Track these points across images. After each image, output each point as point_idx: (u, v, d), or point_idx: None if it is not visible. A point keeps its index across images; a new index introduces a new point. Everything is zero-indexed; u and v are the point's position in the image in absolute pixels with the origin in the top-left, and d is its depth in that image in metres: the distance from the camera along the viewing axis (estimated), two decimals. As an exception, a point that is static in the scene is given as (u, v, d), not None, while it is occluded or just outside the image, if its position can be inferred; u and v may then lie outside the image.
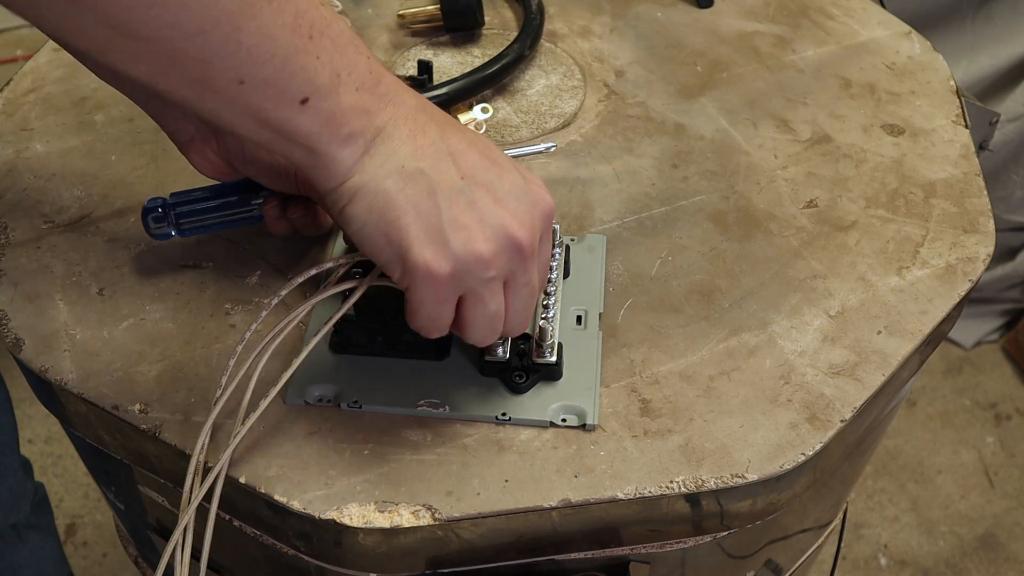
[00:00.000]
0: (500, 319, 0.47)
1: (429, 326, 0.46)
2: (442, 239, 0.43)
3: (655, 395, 0.54)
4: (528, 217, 0.45)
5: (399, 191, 0.43)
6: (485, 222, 0.44)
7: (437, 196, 0.43)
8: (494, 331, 0.47)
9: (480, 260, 0.44)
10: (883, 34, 0.82)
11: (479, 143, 0.46)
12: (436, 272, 0.43)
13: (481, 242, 0.43)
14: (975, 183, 0.68)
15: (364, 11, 0.83)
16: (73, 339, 0.57)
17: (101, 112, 0.72)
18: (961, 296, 0.60)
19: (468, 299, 0.45)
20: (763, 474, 0.51)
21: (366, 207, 0.43)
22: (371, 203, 0.43)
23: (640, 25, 0.82)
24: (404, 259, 0.43)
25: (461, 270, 0.44)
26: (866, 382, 0.55)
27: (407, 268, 0.44)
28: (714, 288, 0.60)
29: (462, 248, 0.43)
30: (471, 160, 0.44)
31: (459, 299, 0.46)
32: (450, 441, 0.52)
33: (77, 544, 1.41)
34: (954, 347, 1.70)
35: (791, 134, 0.72)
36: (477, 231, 0.43)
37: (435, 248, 0.43)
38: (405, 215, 0.43)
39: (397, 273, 0.44)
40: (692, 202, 0.66)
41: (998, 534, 1.47)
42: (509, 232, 0.44)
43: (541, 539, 0.52)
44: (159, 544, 0.72)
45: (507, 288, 0.46)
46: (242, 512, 0.53)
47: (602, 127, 0.72)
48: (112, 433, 0.56)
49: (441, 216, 0.43)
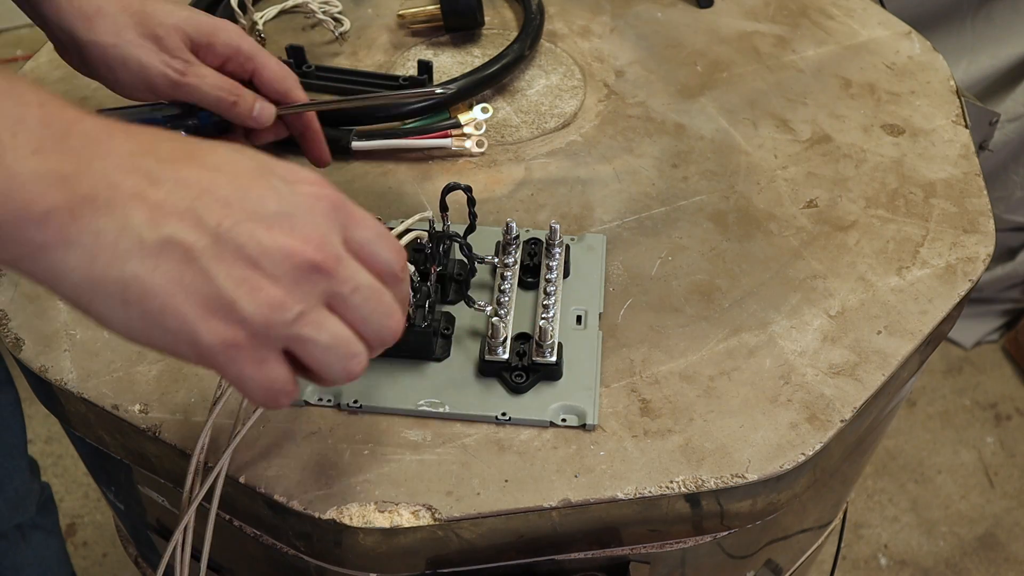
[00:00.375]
0: (348, 342, 0.38)
1: (275, 396, 0.38)
2: (223, 304, 0.35)
3: (655, 395, 0.54)
4: (310, 228, 0.37)
5: (151, 272, 0.34)
6: (264, 261, 0.36)
7: (199, 260, 0.35)
8: (352, 356, 0.39)
9: (277, 306, 0.36)
10: (883, 34, 0.82)
11: (224, 159, 0.37)
12: (234, 341, 0.36)
13: (269, 286, 0.36)
14: (975, 183, 0.68)
15: (364, 11, 0.83)
16: (73, 339, 0.57)
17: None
18: (961, 296, 0.60)
19: (294, 345, 0.37)
20: (763, 474, 0.51)
21: (119, 304, 0.34)
22: (124, 297, 0.34)
23: (640, 25, 0.82)
24: (195, 345, 0.35)
25: (261, 327, 0.36)
26: (866, 382, 0.55)
27: (203, 352, 0.36)
28: (714, 288, 0.60)
29: (250, 304, 0.35)
30: (223, 192, 0.36)
31: (284, 351, 0.38)
32: (450, 441, 0.52)
33: (77, 544, 1.41)
34: (954, 347, 1.70)
35: (791, 134, 0.72)
36: (259, 277, 0.36)
37: (221, 317, 0.35)
38: (172, 298, 0.34)
39: (194, 359, 0.36)
40: (692, 202, 0.66)
41: (998, 534, 1.47)
42: (296, 258, 0.36)
43: (541, 539, 0.52)
44: (159, 544, 0.72)
45: (335, 307, 0.38)
46: (242, 512, 0.53)
47: (602, 127, 0.72)
48: (112, 433, 0.56)
49: (214, 281, 0.35)
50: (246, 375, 0.37)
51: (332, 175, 0.68)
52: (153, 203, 0.34)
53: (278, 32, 0.81)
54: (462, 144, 0.68)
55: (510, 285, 0.57)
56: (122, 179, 0.34)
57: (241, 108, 0.59)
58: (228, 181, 0.36)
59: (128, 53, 0.56)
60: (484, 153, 0.69)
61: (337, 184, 0.67)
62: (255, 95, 0.60)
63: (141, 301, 0.34)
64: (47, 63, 0.77)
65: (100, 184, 0.33)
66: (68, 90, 0.74)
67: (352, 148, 0.68)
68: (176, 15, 0.57)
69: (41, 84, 0.33)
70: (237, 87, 0.60)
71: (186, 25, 0.57)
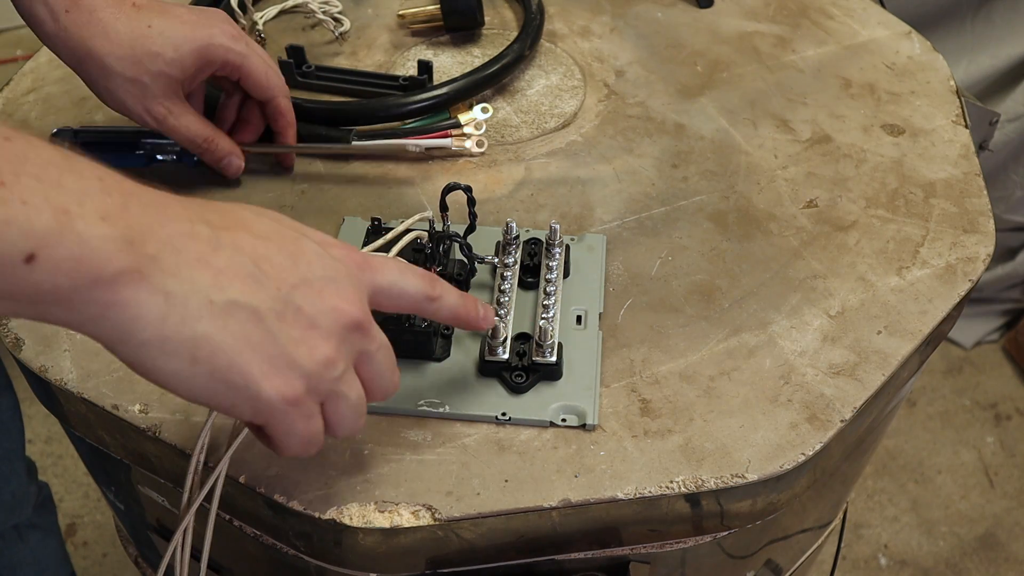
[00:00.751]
0: (363, 401, 0.43)
1: (308, 448, 0.42)
2: (287, 362, 0.38)
3: (655, 395, 0.54)
4: (351, 290, 0.41)
5: (220, 331, 0.36)
6: (318, 322, 0.39)
7: (264, 322, 0.37)
8: (362, 414, 0.43)
9: (329, 363, 0.40)
10: (883, 34, 0.82)
11: (270, 229, 0.40)
12: (294, 397, 0.39)
13: (323, 346, 0.39)
14: (975, 183, 0.68)
15: (364, 11, 0.83)
16: (73, 339, 0.57)
17: (101, 112, 0.72)
18: (961, 296, 0.60)
19: (329, 402, 0.41)
20: (763, 474, 0.51)
21: (188, 360, 0.36)
22: (193, 355, 0.36)
23: (640, 25, 0.82)
24: (256, 400, 0.38)
25: (315, 382, 0.40)
26: (866, 382, 0.55)
27: (261, 407, 0.39)
28: (714, 288, 0.60)
29: (309, 361, 0.39)
30: (277, 261, 0.39)
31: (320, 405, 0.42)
32: (450, 441, 0.52)
33: (77, 544, 1.41)
34: (954, 347, 1.70)
35: (791, 134, 0.72)
36: (315, 337, 0.39)
37: (284, 375, 0.38)
38: (240, 355, 0.37)
39: (248, 415, 0.39)
40: (692, 202, 0.66)
41: (998, 534, 1.47)
42: (343, 319, 0.40)
43: (541, 539, 0.52)
44: (159, 544, 0.72)
45: (361, 364, 0.43)
46: (242, 512, 0.53)
47: (602, 127, 0.72)
48: (112, 433, 0.56)
49: (277, 341, 0.38)
50: (297, 429, 0.40)
51: (332, 175, 0.68)
52: (216, 268, 0.36)
53: (278, 32, 0.81)
54: (462, 144, 0.68)
55: (510, 285, 0.57)
56: (184, 244, 0.36)
57: (209, 158, 0.64)
58: (278, 248, 0.39)
59: (113, 96, 0.60)
60: (484, 153, 0.69)
61: (337, 184, 0.68)
62: (228, 147, 0.65)
63: (211, 359, 0.36)
64: (47, 63, 0.77)
65: (165, 249, 0.35)
66: (68, 90, 0.74)
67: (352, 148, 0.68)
68: (161, 59, 0.59)
69: (97, 163, 0.35)
70: (210, 137, 0.63)
71: (170, 69, 0.59)
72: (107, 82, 0.59)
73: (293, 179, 0.68)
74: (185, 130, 0.62)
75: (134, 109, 0.60)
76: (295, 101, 0.68)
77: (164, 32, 0.58)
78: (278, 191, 0.67)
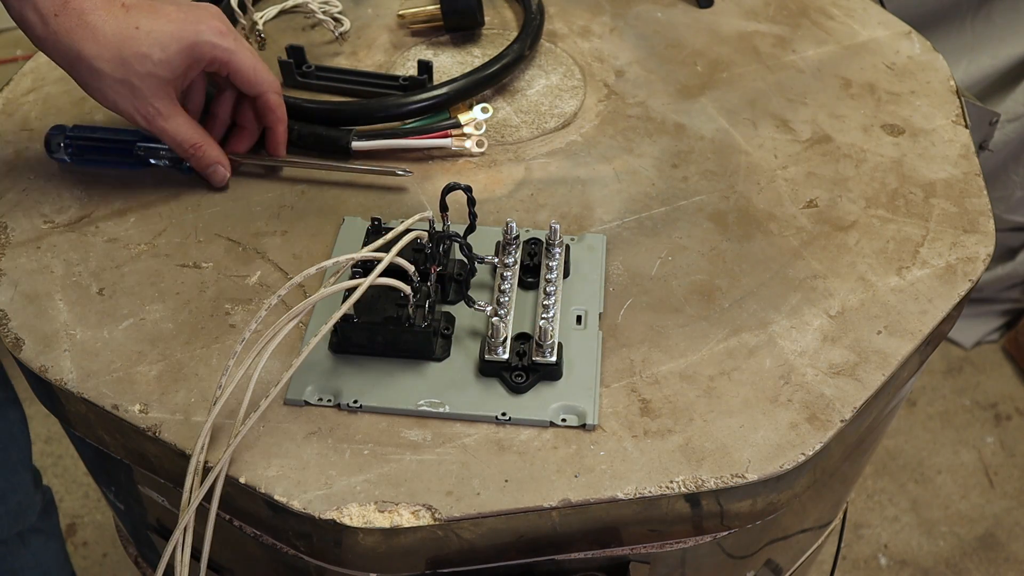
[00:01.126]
0: None
1: None
2: None
3: (655, 395, 0.54)
4: None
5: None
6: None
7: None
8: None
9: None
10: (883, 34, 0.82)
11: None
12: None
13: None
14: (975, 183, 0.68)
15: (364, 11, 0.83)
16: (73, 339, 0.57)
17: (101, 112, 0.72)
18: (961, 296, 0.60)
19: None
20: (763, 474, 0.51)
21: None
22: None
23: (640, 25, 0.82)
24: None
25: None
26: (866, 382, 0.55)
27: None
28: (714, 288, 0.60)
29: None
30: None
31: None
32: (450, 441, 0.52)
33: (77, 544, 1.41)
34: (954, 347, 1.70)
35: (791, 134, 0.72)
36: None
37: None
38: None
39: None
40: (692, 202, 0.66)
41: (998, 534, 1.47)
42: None
43: (541, 539, 0.52)
44: (159, 544, 0.72)
45: None
46: (242, 512, 0.53)
47: (602, 127, 0.72)
48: (112, 433, 0.56)
49: None
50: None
51: (333, 175, 0.68)
52: None
53: (278, 32, 0.81)
54: (462, 144, 0.68)
55: (510, 285, 0.57)
56: None
57: (196, 164, 0.65)
58: None
59: (104, 97, 0.61)
60: (484, 153, 0.69)
61: (337, 184, 0.68)
62: (216, 155, 0.65)
63: None
64: (47, 63, 0.77)
65: None
66: (68, 90, 0.74)
67: (352, 148, 0.68)
68: (150, 60, 0.59)
69: None
70: (199, 143, 0.64)
71: (159, 70, 0.60)
72: (98, 84, 0.60)
73: (293, 179, 0.68)
74: (174, 133, 0.63)
75: (126, 110, 0.61)
76: (296, 101, 0.68)
77: (152, 33, 0.59)
78: (278, 191, 0.67)
